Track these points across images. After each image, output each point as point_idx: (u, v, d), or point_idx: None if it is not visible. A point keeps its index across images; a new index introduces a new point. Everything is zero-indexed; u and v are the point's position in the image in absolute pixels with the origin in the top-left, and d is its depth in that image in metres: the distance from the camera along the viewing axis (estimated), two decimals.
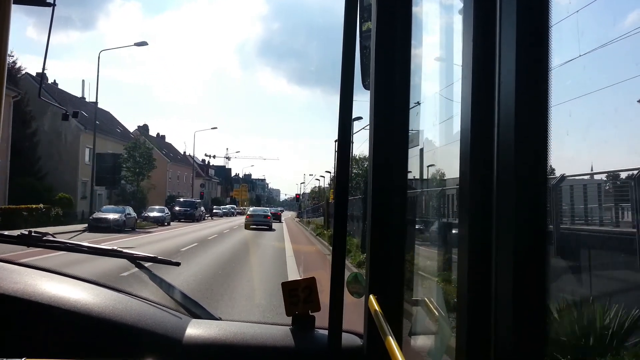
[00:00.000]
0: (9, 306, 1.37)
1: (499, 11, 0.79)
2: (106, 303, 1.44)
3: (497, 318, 0.76)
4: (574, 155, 4.17)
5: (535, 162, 0.73)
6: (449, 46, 1.79)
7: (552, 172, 5.92)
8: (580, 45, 2.29)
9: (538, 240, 0.73)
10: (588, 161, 5.62)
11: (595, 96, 3.13)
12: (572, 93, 2.33)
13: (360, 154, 34.65)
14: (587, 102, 3.17)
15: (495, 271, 0.77)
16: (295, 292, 1.49)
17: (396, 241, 1.40)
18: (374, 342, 1.30)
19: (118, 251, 1.78)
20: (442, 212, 4.27)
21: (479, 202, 0.82)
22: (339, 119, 1.34)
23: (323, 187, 62.74)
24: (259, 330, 1.49)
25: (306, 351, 1.43)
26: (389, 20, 1.39)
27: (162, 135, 71.82)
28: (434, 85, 1.99)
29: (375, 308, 1.27)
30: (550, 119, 0.73)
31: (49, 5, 1.54)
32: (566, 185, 7.60)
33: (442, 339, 1.40)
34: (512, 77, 0.74)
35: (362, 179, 29.10)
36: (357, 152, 34.01)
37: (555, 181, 7.15)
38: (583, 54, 4.57)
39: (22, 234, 1.71)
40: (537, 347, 0.73)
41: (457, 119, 0.92)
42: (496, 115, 0.78)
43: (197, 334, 1.43)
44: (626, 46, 2.54)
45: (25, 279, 1.47)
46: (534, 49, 0.74)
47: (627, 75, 3.40)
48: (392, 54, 1.40)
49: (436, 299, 1.82)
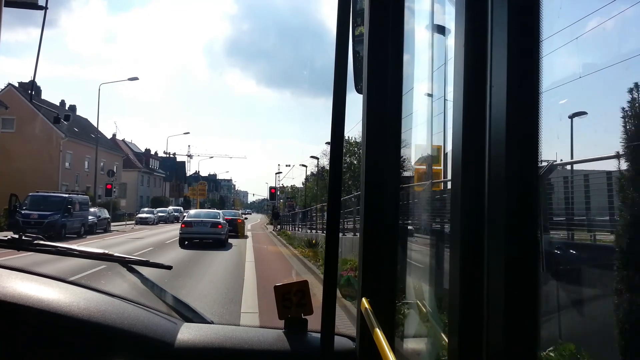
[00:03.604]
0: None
1: (490, 14, 0.79)
2: (97, 307, 1.43)
3: (488, 319, 0.77)
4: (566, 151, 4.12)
5: (528, 164, 0.74)
6: (440, 49, 1.80)
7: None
8: (571, 41, 2.31)
9: (530, 240, 0.74)
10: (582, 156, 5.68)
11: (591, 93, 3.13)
12: (565, 91, 2.34)
13: (351, 138, 32.13)
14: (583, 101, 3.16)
15: (487, 272, 0.77)
16: (288, 295, 1.49)
17: (388, 244, 1.41)
18: (367, 345, 1.30)
19: (109, 255, 1.77)
20: (434, 214, 4.29)
21: (470, 204, 0.82)
22: (331, 122, 1.34)
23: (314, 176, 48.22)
24: (252, 333, 1.48)
25: (299, 354, 1.43)
26: (381, 24, 1.40)
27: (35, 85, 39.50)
28: (426, 87, 2.01)
29: (368, 311, 1.27)
30: (541, 120, 0.74)
31: (41, 9, 1.53)
32: (558, 177, 6.96)
33: (434, 341, 1.41)
34: (503, 79, 0.74)
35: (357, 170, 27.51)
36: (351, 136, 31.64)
37: (542, 171, 6.54)
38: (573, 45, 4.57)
39: (13, 238, 1.69)
40: (528, 348, 0.74)
41: (449, 121, 0.93)
42: (488, 117, 0.79)
43: (189, 338, 1.42)
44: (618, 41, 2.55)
45: (10, 282, 1.45)
46: (526, 50, 0.75)
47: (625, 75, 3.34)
48: (385, 57, 1.40)
49: (428, 301, 1.83)
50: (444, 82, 1.69)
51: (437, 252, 3.29)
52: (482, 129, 0.80)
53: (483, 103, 0.80)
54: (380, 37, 1.40)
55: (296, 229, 30.80)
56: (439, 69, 1.79)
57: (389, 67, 1.41)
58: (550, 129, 0.82)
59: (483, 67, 0.80)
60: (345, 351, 1.44)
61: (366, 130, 1.42)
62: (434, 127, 2.20)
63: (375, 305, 1.29)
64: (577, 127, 3.26)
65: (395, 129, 1.43)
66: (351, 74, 1.57)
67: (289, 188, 62.99)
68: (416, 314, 1.53)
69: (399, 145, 1.44)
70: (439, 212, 4.43)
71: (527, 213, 0.74)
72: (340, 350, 1.42)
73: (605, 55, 2.82)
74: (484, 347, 0.78)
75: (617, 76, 2.48)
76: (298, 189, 62.34)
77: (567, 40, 2.26)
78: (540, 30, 0.75)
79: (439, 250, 3.14)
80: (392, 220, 1.42)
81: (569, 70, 2.55)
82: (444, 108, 1.76)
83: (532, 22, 0.75)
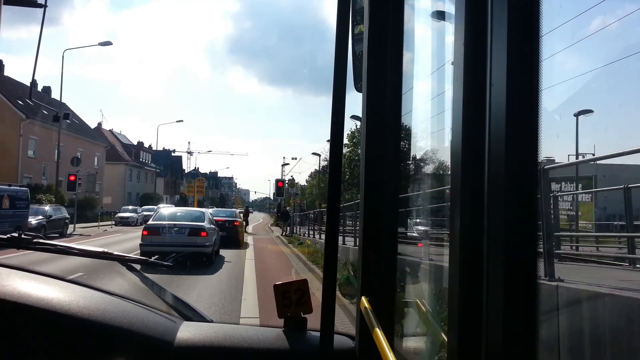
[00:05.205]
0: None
1: (490, 13, 0.79)
2: (97, 305, 1.43)
3: (488, 318, 0.77)
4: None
5: (528, 163, 0.74)
6: (440, 48, 1.80)
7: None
8: (571, 40, 2.28)
9: (529, 240, 0.74)
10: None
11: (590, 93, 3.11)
12: (565, 91, 2.35)
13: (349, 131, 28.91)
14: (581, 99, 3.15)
15: (487, 271, 0.77)
16: (287, 294, 1.49)
17: (388, 242, 1.41)
18: (366, 344, 1.30)
19: (109, 253, 1.77)
20: (433, 213, 4.29)
21: (470, 203, 0.82)
22: (331, 121, 1.34)
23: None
24: (251, 332, 1.48)
25: (298, 353, 1.43)
26: (381, 23, 1.40)
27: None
28: (426, 86, 2.01)
29: (367, 309, 1.27)
30: (541, 119, 0.74)
31: (40, 7, 1.53)
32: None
33: (434, 340, 1.41)
34: (503, 78, 0.74)
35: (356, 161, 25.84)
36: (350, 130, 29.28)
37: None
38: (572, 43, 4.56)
39: (12, 236, 1.69)
40: (527, 348, 0.74)
41: (449, 120, 0.93)
42: (487, 116, 0.79)
43: (188, 337, 1.43)
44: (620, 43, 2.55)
45: (9, 280, 1.45)
46: (526, 49, 0.75)
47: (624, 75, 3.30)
48: (385, 56, 1.40)
49: (427, 300, 1.83)
50: (444, 81, 1.69)
51: (436, 250, 3.30)
52: (482, 128, 0.80)
53: (483, 102, 0.80)
54: (380, 36, 1.40)
55: (313, 234, 22.58)
56: (439, 68, 1.79)
57: (388, 66, 1.41)
58: (550, 128, 0.82)
59: (483, 66, 0.80)
60: (345, 350, 1.44)
61: (366, 129, 1.43)
62: (433, 126, 2.20)
63: (375, 304, 1.29)
64: (583, 124, 3.28)
65: (395, 128, 1.43)
66: (351, 73, 1.57)
67: (298, 184, 51.34)
68: (416, 312, 1.54)
69: (398, 144, 1.44)
70: (439, 211, 4.44)
71: (526, 213, 0.74)
72: (340, 349, 1.42)
73: (606, 53, 2.83)
74: (483, 346, 0.78)
75: (620, 74, 2.49)
76: (301, 187, 56.33)
77: (568, 38, 2.27)
78: (540, 30, 0.75)
79: (438, 249, 3.14)
80: (392, 219, 1.42)
81: (569, 69, 2.56)
82: (444, 107, 1.76)
83: (532, 21, 0.75)
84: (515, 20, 0.74)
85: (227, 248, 16.37)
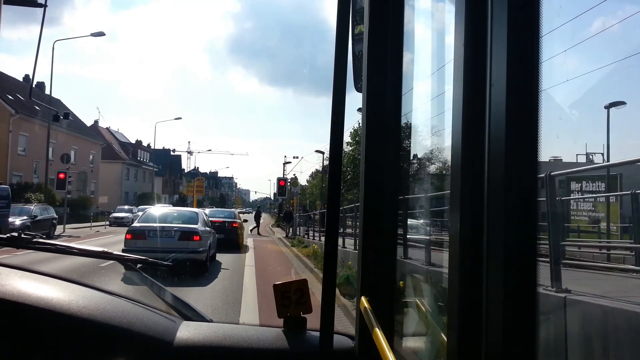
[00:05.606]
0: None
1: (490, 13, 0.79)
2: (96, 305, 1.43)
3: (488, 318, 0.77)
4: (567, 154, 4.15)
5: (528, 163, 0.74)
6: (440, 48, 1.80)
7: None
8: (571, 40, 2.28)
9: (529, 240, 0.74)
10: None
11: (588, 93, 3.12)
12: (564, 90, 2.36)
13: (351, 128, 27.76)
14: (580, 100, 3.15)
15: (486, 271, 0.77)
16: (287, 294, 1.49)
17: (388, 242, 1.41)
18: (366, 344, 1.30)
19: (108, 253, 1.77)
20: (433, 213, 4.29)
21: (469, 204, 0.82)
22: (331, 121, 1.34)
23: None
24: (251, 332, 1.48)
25: (298, 353, 1.43)
26: (381, 23, 1.40)
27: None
28: (426, 87, 2.01)
29: (367, 309, 1.27)
30: (541, 119, 0.74)
31: (40, 6, 1.54)
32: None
33: (433, 340, 1.41)
34: (503, 78, 0.74)
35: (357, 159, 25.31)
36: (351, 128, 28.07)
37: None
38: (571, 47, 4.57)
39: (12, 236, 1.69)
40: (527, 348, 0.74)
41: (449, 121, 0.93)
42: (487, 116, 0.79)
43: (188, 337, 1.42)
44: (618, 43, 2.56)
45: (9, 280, 1.45)
46: (526, 49, 0.75)
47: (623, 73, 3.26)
48: (385, 56, 1.40)
49: (427, 300, 1.83)
50: (444, 81, 1.69)
51: (436, 250, 3.30)
52: (482, 128, 0.80)
53: (483, 102, 0.80)
54: (380, 36, 1.40)
55: (319, 236, 20.81)
56: (439, 68, 1.79)
57: (388, 66, 1.41)
58: (550, 128, 0.83)
59: (483, 66, 0.80)
60: (344, 350, 1.44)
61: (366, 129, 1.43)
62: (433, 126, 2.20)
63: (375, 304, 1.29)
64: (581, 124, 3.28)
65: (395, 128, 1.43)
66: (351, 73, 1.57)
67: (299, 184, 49.86)
68: (415, 312, 1.54)
69: (398, 144, 1.44)
70: (439, 211, 4.44)
71: (526, 213, 0.74)
72: (339, 349, 1.42)
73: (606, 53, 2.84)
74: (483, 346, 0.78)
75: (619, 74, 2.50)
76: (302, 187, 54.97)
77: (568, 38, 2.27)
78: (540, 29, 0.75)
79: (438, 249, 3.14)
80: (392, 219, 1.42)
81: (569, 69, 2.56)
82: (444, 107, 1.76)
83: (532, 22, 0.75)
84: (515, 20, 0.74)
85: (225, 252, 14.99)
